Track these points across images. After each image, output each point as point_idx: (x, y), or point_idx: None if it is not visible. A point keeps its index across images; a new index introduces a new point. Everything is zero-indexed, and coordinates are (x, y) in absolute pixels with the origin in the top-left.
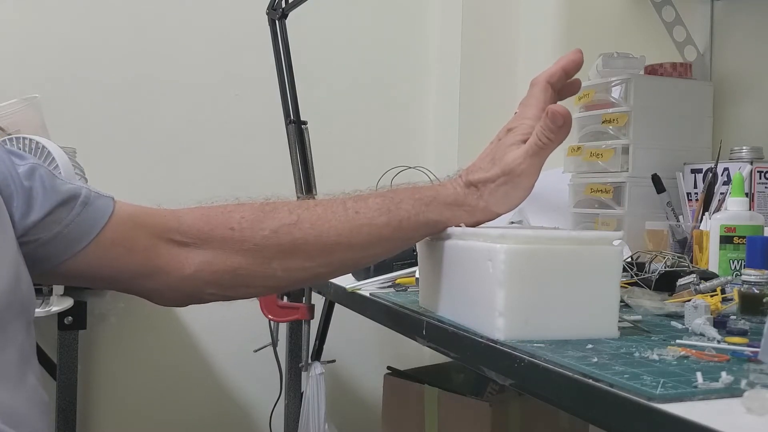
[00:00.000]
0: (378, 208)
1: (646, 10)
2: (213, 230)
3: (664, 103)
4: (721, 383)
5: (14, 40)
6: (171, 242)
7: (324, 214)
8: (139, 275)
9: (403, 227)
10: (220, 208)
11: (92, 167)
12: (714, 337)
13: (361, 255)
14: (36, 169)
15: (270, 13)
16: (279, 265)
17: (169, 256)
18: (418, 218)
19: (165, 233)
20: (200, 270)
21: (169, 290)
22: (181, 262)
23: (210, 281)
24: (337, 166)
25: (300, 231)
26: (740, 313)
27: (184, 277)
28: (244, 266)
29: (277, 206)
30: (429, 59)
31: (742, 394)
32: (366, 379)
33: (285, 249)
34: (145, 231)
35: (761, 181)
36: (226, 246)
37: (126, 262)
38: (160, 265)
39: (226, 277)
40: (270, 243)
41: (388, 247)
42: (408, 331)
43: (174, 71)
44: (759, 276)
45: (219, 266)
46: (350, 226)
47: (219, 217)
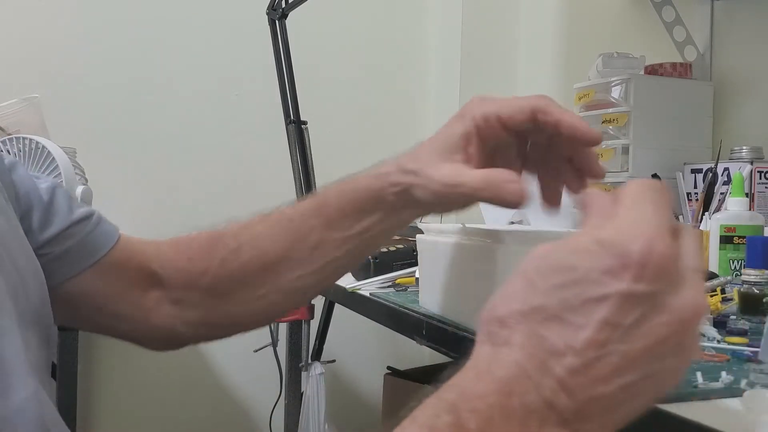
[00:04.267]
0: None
1: (646, 10)
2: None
3: (664, 103)
4: (721, 383)
5: (14, 40)
6: (149, 283)
7: (264, 230)
8: (120, 315)
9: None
10: (187, 238)
11: (92, 167)
12: (714, 336)
13: (311, 271)
14: (56, 187)
15: (270, 13)
16: (236, 299)
17: (145, 299)
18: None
19: (146, 273)
20: (171, 315)
21: (146, 335)
22: (154, 305)
23: (181, 324)
24: (337, 166)
25: (244, 254)
26: (740, 313)
27: (157, 323)
28: (209, 305)
29: (225, 233)
30: (429, 59)
31: (742, 393)
32: (366, 379)
33: (236, 278)
34: (134, 266)
35: (761, 181)
36: (190, 283)
37: (116, 295)
38: (136, 307)
39: (192, 317)
40: (222, 274)
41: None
42: (408, 331)
43: (174, 71)
44: (759, 276)
45: (187, 309)
46: (292, 237)
47: (184, 248)
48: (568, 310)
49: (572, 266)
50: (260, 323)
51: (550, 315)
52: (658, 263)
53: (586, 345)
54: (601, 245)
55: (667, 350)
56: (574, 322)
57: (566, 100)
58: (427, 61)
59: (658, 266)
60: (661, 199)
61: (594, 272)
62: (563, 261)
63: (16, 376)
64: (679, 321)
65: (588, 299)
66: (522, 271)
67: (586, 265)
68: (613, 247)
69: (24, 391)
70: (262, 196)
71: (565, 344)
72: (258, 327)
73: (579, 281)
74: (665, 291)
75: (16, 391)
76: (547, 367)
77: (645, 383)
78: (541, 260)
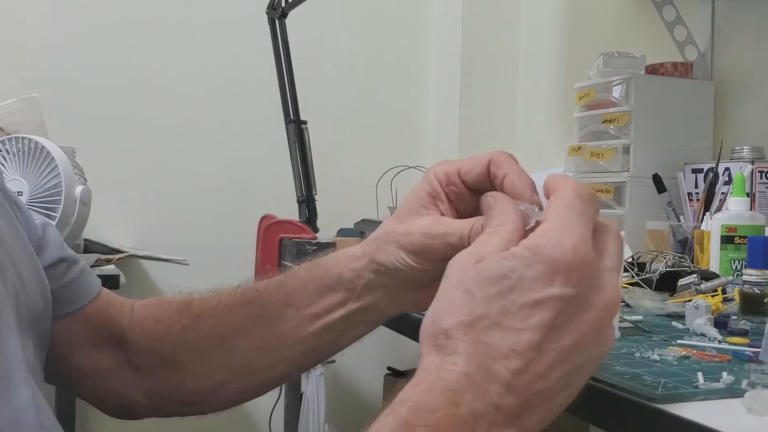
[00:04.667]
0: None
1: (647, 9)
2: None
3: (664, 102)
4: (722, 383)
5: (14, 40)
6: (115, 344)
7: (227, 299)
8: (81, 371)
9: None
10: (164, 300)
11: (91, 167)
12: (715, 337)
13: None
14: (48, 224)
15: (270, 12)
16: (188, 372)
17: (108, 359)
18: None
19: (115, 333)
20: (130, 381)
21: (103, 398)
22: (115, 367)
23: (137, 392)
24: (337, 166)
25: (203, 323)
26: (741, 313)
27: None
28: (163, 375)
29: (195, 298)
30: (429, 59)
31: (743, 394)
32: (366, 380)
33: (191, 348)
34: (105, 324)
35: (762, 181)
36: (151, 347)
37: (81, 350)
38: (97, 366)
39: (148, 386)
40: (180, 342)
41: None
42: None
43: (173, 71)
44: (760, 276)
45: (145, 376)
46: (252, 310)
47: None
48: (507, 316)
49: (506, 274)
50: (211, 406)
51: (491, 323)
52: (582, 268)
53: (526, 347)
54: (533, 251)
55: (590, 342)
56: (513, 327)
57: (566, 99)
58: (427, 61)
59: (582, 270)
60: (586, 205)
61: (527, 279)
62: (497, 270)
63: (14, 383)
64: (599, 317)
65: (524, 305)
66: (458, 281)
67: (519, 272)
68: (542, 255)
69: (22, 398)
70: (262, 196)
71: (509, 348)
72: (210, 411)
73: (514, 288)
74: (588, 291)
75: (13, 398)
76: (493, 372)
77: (575, 373)
78: (477, 272)
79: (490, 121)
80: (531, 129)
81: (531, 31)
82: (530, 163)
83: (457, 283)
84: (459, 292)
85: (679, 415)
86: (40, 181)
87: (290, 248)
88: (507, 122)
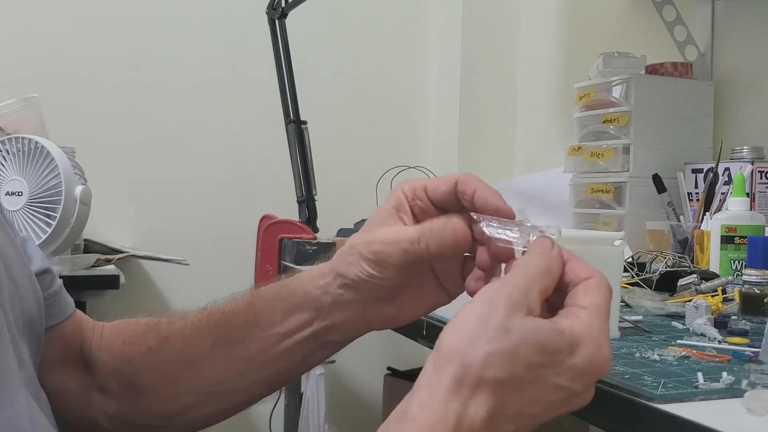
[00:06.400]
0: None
1: (647, 9)
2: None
3: (664, 102)
4: (722, 384)
5: (13, 40)
6: (83, 366)
7: (194, 321)
8: (46, 390)
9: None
10: (132, 321)
11: (91, 167)
12: (715, 337)
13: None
14: (28, 239)
15: (270, 12)
16: (153, 396)
17: (75, 380)
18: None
19: (84, 355)
20: (95, 404)
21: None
22: (81, 390)
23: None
24: (337, 166)
25: (169, 346)
26: (741, 313)
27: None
28: (128, 398)
29: (163, 320)
30: (429, 58)
31: (743, 394)
32: (366, 380)
33: (156, 371)
34: (76, 344)
35: (762, 181)
36: (117, 369)
37: (49, 369)
38: (64, 387)
39: (113, 409)
40: (145, 364)
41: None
42: (408, 331)
43: (173, 71)
44: (760, 276)
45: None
46: (219, 331)
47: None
48: (533, 387)
49: (554, 352)
50: (178, 430)
51: (518, 387)
52: (599, 377)
53: (529, 417)
54: (578, 341)
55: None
56: (530, 397)
57: (567, 99)
58: (427, 60)
59: (597, 378)
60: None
61: (565, 365)
62: (550, 343)
63: (9, 390)
64: (571, 410)
65: (549, 384)
66: (506, 327)
67: (563, 356)
68: (584, 352)
69: (17, 405)
70: (262, 196)
71: (516, 413)
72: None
73: (552, 366)
74: (587, 393)
75: (8, 406)
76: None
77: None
78: (532, 330)
79: (490, 121)
80: (531, 129)
81: (531, 31)
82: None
83: (506, 329)
84: (508, 343)
85: (679, 415)
86: (40, 181)
87: (290, 248)
88: (507, 122)
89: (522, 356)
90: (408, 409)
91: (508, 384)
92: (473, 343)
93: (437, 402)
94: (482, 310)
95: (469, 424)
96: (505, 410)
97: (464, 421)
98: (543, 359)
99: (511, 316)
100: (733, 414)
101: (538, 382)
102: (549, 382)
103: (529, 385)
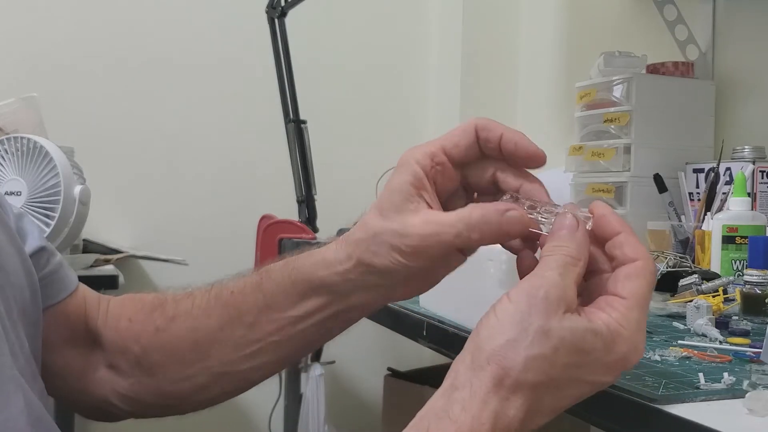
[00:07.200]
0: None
1: (648, 8)
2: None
3: (665, 102)
4: (723, 384)
5: (12, 39)
6: (90, 343)
7: (202, 302)
8: (54, 370)
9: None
10: (138, 297)
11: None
12: (716, 337)
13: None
14: (24, 214)
15: (269, 11)
16: (164, 375)
17: (83, 358)
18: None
19: (90, 332)
20: (105, 381)
21: (80, 399)
22: (90, 367)
23: (113, 393)
24: (337, 166)
25: (177, 326)
26: (742, 313)
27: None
28: (138, 376)
29: (169, 298)
30: (429, 58)
31: (744, 395)
32: (366, 381)
33: (165, 351)
34: (80, 321)
35: (763, 181)
36: (124, 347)
37: (55, 347)
38: (72, 365)
39: (123, 387)
40: (153, 344)
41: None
42: (408, 331)
43: (172, 70)
44: (761, 276)
45: (120, 376)
46: (228, 314)
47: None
48: (570, 386)
49: (590, 351)
50: (191, 407)
51: (556, 386)
52: (632, 366)
53: (558, 410)
54: (614, 338)
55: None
56: (566, 394)
57: (567, 99)
58: (427, 60)
59: (631, 368)
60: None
61: (600, 362)
62: (585, 343)
63: (3, 392)
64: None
65: (583, 380)
66: (545, 330)
67: (598, 354)
68: (619, 349)
69: (12, 407)
70: (261, 196)
71: (551, 409)
72: (190, 411)
73: (588, 365)
74: (615, 378)
75: (2, 408)
76: (530, 428)
77: None
78: (569, 332)
79: None
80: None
81: (531, 30)
82: None
83: (544, 331)
84: (547, 346)
85: (680, 416)
86: (39, 180)
87: (290, 248)
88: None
89: (560, 359)
90: (450, 408)
91: (545, 385)
92: (514, 347)
93: (477, 403)
94: (521, 310)
95: (507, 425)
96: (541, 408)
97: (501, 421)
98: (579, 359)
99: (549, 316)
100: (735, 415)
101: (573, 381)
102: (583, 379)
103: (566, 384)
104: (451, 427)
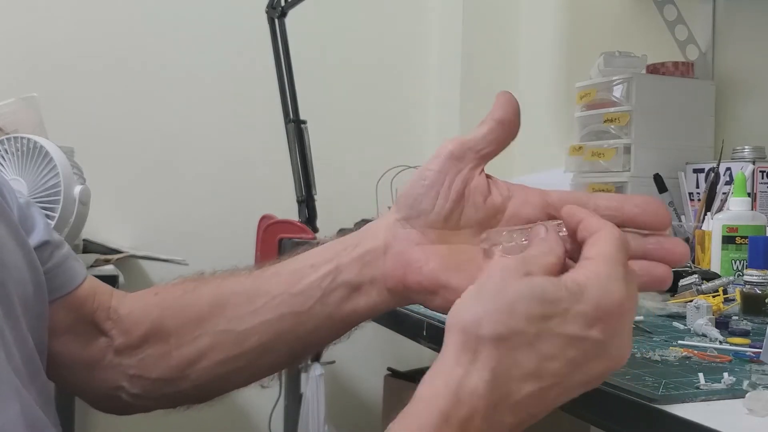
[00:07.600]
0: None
1: (648, 8)
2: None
3: (665, 102)
4: (723, 384)
5: (12, 39)
6: (98, 331)
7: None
8: (62, 360)
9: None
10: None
11: (90, 167)
12: (716, 337)
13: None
14: (32, 204)
15: (269, 11)
16: (177, 339)
17: (92, 347)
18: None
19: (99, 320)
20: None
21: (90, 389)
22: (99, 355)
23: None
24: (337, 166)
25: (204, 286)
26: (742, 313)
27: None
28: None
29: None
30: (429, 58)
31: (744, 395)
32: (366, 381)
33: (185, 313)
34: (89, 311)
35: (763, 181)
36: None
37: (62, 337)
38: (80, 354)
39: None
40: (176, 305)
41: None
42: (409, 332)
43: (173, 70)
44: (761, 276)
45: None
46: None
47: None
48: (542, 340)
49: (554, 300)
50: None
51: (526, 341)
52: (618, 321)
53: (550, 376)
54: (581, 289)
55: (593, 383)
56: (544, 352)
57: (567, 99)
58: (427, 60)
59: (617, 323)
60: (625, 258)
61: (571, 313)
62: (546, 293)
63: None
64: (610, 366)
65: (561, 335)
66: (501, 288)
67: (566, 304)
68: (590, 297)
69: (8, 412)
70: (261, 196)
71: (533, 370)
72: (190, 387)
73: (557, 316)
74: (612, 341)
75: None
76: (509, 393)
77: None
78: (526, 285)
79: None
80: (531, 129)
81: (531, 30)
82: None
83: (499, 290)
84: (502, 301)
85: (680, 416)
86: (39, 180)
87: (290, 248)
88: None
89: (519, 310)
90: (418, 389)
91: (510, 339)
92: (469, 307)
93: (445, 370)
94: (479, 282)
95: (472, 389)
96: (519, 368)
97: (466, 386)
98: (543, 310)
99: (505, 279)
100: (734, 415)
101: (546, 335)
102: (559, 333)
103: (537, 338)
104: (416, 405)
